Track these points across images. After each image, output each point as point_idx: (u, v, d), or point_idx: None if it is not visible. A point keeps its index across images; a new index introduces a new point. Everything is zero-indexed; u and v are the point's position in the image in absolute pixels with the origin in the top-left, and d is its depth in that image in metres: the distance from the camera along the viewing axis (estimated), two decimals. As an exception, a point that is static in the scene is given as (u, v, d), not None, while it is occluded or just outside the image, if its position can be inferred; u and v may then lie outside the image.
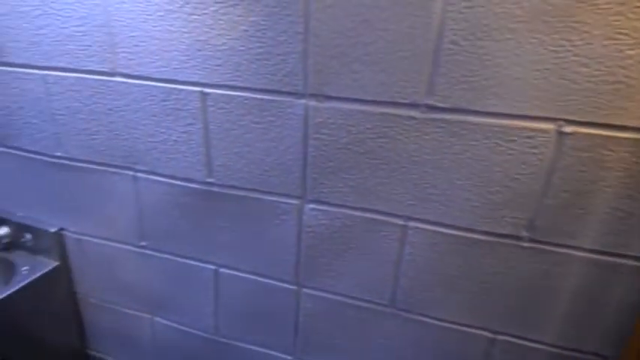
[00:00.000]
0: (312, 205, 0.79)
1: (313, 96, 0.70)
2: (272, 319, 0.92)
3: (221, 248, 0.90)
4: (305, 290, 0.87)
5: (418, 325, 0.80)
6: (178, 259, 0.95)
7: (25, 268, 1.03)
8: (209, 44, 0.72)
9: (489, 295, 0.74)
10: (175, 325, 1.04)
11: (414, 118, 0.65)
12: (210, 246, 0.90)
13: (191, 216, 0.89)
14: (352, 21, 0.63)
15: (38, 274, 1.02)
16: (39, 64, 0.87)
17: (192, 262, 0.94)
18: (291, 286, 0.88)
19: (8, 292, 0.95)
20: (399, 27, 0.61)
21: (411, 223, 0.73)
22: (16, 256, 1.07)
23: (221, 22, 0.70)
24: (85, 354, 1.21)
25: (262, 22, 0.68)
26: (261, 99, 0.73)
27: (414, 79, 0.63)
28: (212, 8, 0.69)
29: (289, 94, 0.71)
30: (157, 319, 1.06)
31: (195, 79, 0.76)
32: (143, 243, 0.97)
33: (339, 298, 0.84)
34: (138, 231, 0.96)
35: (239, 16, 0.69)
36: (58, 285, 1.08)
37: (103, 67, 0.81)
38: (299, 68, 0.69)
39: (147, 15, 0.74)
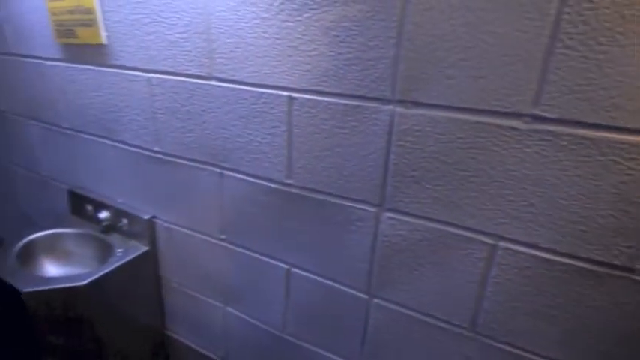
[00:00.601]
0: (390, 214, 0.76)
1: (401, 102, 0.68)
2: (340, 324, 0.92)
3: (294, 248, 0.91)
4: (376, 300, 0.85)
5: (500, 353, 0.74)
6: (253, 254, 0.99)
7: (120, 250, 1.15)
8: (299, 50, 0.74)
9: (588, 333, 0.65)
10: (245, 317, 1.09)
11: (515, 129, 0.60)
12: (284, 245, 0.93)
13: (268, 214, 0.92)
14: (452, 24, 0.60)
15: (131, 257, 1.13)
16: (145, 67, 0.97)
17: (265, 259, 0.98)
18: (361, 294, 0.86)
19: (105, 271, 1.06)
20: (506, 30, 0.56)
21: (502, 243, 0.67)
22: (113, 239, 1.20)
23: (313, 28, 0.71)
24: (163, 333, 1.32)
25: (354, 28, 0.68)
26: (346, 104, 0.73)
27: (519, 87, 0.58)
28: (306, 15, 0.71)
29: (375, 99, 0.70)
30: (229, 308, 1.11)
31: (283, 83, 0.78)
32: (222, 236, 1.03)
33: (412, 313, 0.81)
34: (219, 224, 1.02)
35: (331, 22, 0.69)
36: (146, 268, 1.19)
37: (201, 72, 0.88)
38: (388, 73, 0.67)
39: (244, 23, 0.78)
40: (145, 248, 1.17)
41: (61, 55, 1.12)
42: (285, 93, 0.79)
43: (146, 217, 1.14)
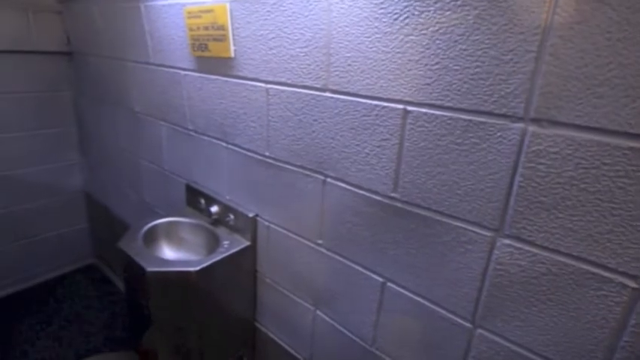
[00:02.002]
0: (508, 241, 0.71)
1: (535, 120, 0.63)
2: (435, 349, 0.88)
3: (393, 263, 0.90)
4: (480, 331, 0.79)
5: (638, 418, 0.63)
6: (348, 262, 1.00)
7: (226, 242, 1.26)
8: (420, 63, 0.73)
9: None
10: (334, 323, 1.10)
11: (688, 159, 0.51)
12: (382, 258, 0.92)
13: (369, 225, 0.92)
14: (607, 38, 0.54)
15: (235, 250, 1.23)
16: (265, 78, 1.05)
17: (360, 269, 0.98)
18: (464, 322, 0.81)
19: (214, 260, 1.17)
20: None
21: (654, 290, 0.57)
22: (220, 232, 1.32)
23: (439, 42, 0.70)
24: (253, 325, 1.40)
25: (486, 41, 0.64)
26: (469, 120, 0.70)
27: (699, 111, 0.49)
28: (431, 29, 0.70)
29: (504, 116, 0.66)
30: (319, 312, 1.14)
31: (399, 96, 0.78)
32: (320, 241, 1.06)
33: (524, 352, 0.73)
34: (317, 229, 1.06)
35: (460, 35, 0.67)
36: (246, 261, 1.28)
37: (316, 84, 0.92)
38: (522, 89, 0.63)
39: (365, 37, 0.79)
40: (246, 243, 1.26)
41: (193, 66, 1.27)
42: (400, 106, 0.78)
43: (250, 214, 1.23)
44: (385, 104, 0.80)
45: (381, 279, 0.94)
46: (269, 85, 1.04)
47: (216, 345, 1.32)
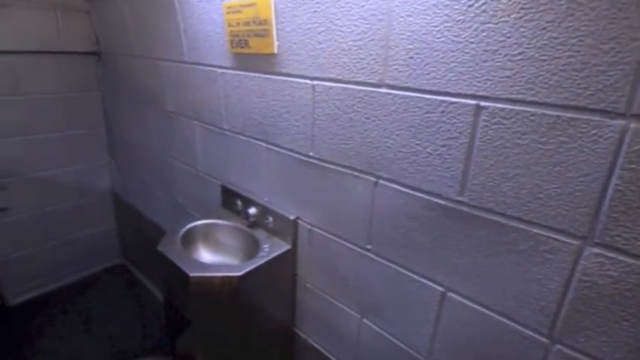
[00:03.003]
0: (597, 250, 0.64)
1: (638, 117, 0.56)
2: (505, 364, 0.81)
3: (455, 271, 0.84)
4: (559, 347, 0.72)
5: None
6: (403, 270, 0.94)
7: (266, 246, 1.21)
8: (499, 54, 0.66)
9: None
10: (384, 333, 1.04)
11: None
12: (443, 266, 0.86)
13: (428, 231, 0.86)
14: None
15: (276, 254, 1.18)
16: (311, 75, 0.99)
17: (416, 277, 0.92)
18: (539, 337, 0.74)
19: (257, 264, 1.13)
20: None
21: None
22: (259, 235, 1.28)
23: (523, 29, 0.63)
24: (292, 331, 1.36)
25: (582, 28, 0.57)
26: (556, 116, 0.63)
27: None
28: (514, 16, 0.63)
29: (601, 112, 0.59)
30: (366, 321, 1.08)
31: (471, 91, 0.71)
32: (369, 246, 1.00)
33: (616, 371, 0.66)
34: (366, 234, 1.00)
35: (549, 22, 0.60)
36: (286, 266, 1.24)
37: (371, 79, 0.86)
38: (624, 82, 0.56)
39: (432, 27, 0.73)
40: (287, 247, 1.21)
41: (231, 63, 1.23)
42: (472, 102, 0.72)
43: (291, 217, 1.18)
44: (454, 100, 0.74)
45: (440, 288, 0.88)
46: (316, 82, 0.99)
47: (255, 350, 1.28)
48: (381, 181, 0.93)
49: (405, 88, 0.81)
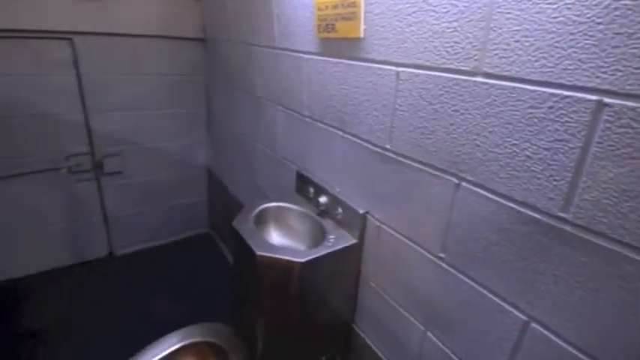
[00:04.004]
0: None
1: None
2: None
3: (544, 300, 0.70)
4: (684, 423, 0.55)
5: None
6: (479, 288, 0.83)
7: (332, 236, 1.19)
8: (636, 38, 0.51)
9: None
10: (449, 352, 0.94)
11: None
12: (529, 292, 0.72)
13: (516, 248, 0.73)
14: None
15: (341, 246, 1.15)
16: (396, 60, 0.92)
17: (494, 299, 0.80)
18: (655, 403, 0.58)
19: (320, 254, 1.11)
20: None
21: None
22: (327, 224, 1.25)
23: (683, 2, 0.47)
24: (350, 327, 1.32)
25: None
26: None
27: None
28: (672, -17, 0.48)
29: None
30: (430, 334, 0.99)
31: (593, 84, 0.57)
32: (441, 254, 0.90)
33: None
34: (439, 241, 0.90)
35: None
36: (350, 260, 1.20)
37: (465, 66, 0.75)
38: None
39: (547, 3, 0.60)
40: (353, 241, 1.17)
41: (317, 49, 1.21)
42: (592, 97, 0.57)
43: (361, 210, 1.13)
44: (568, 93, 0.60)
45: (523, 316, 0.74)
46: (400, 69, 0.91)
47: (312, 338, 1.27)
48: (464, 184, 0.82)
49: (505, 77, 0.69)
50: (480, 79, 0.73)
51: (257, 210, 1.33)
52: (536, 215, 0.68)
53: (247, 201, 2.05)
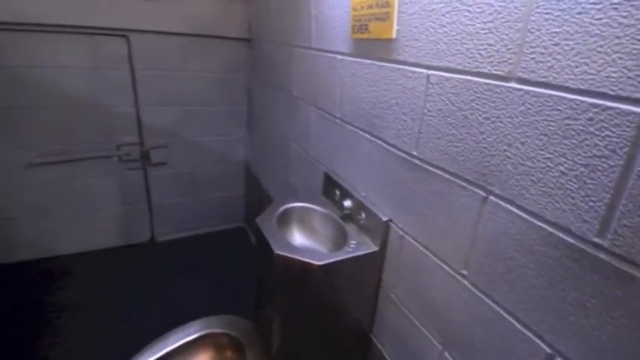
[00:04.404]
0: None
1: None
2: None
3: (572, 334, 0.62)
4: None
5: None
6: (501, 312, 0.76)
7: (353, 242, 1.16)
8: None
9: None
10: (465, 376, 0.88)
11: None
12: (556, 322, 0.65)
13: (544, 273, 0.66)
14: None
15: (360, 253, 1.12)
16: (427, 63, 0.87)
17: (518, 326, 0.73)
18: None
19: (338, 258, 1.08)
20: None
21: None
22: (350, 229, 1.23)
23: None
24: (368, 337, 1.28)
25: None
26: None
27: None
28: None
29: None
30: (447, 355, 0.93)
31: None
32: (464, 271, 0.84)
33: None
34: (463, 257, 0.84)
35: None
36: (371, 268, 1.16)
37: (498, 70, 0.70)
38: None
39: (591, 3, 0.53)
40: (374, 248, 1.13)
41: (350, 49, 1.19)
42: (638, 109, 0.50)
43: (384, 218, 1.09)
44: (611, 104, 0.53)
45: (548, 349, 0.67)
46: (431, 72, 0.86)
47: (328, 344, 1.25)
48: (491, 198, 0.76)
49: (541, 84, 0.62)
50: (514, 84, 0.67)
51: (282, 209, 1.33)
52: (569, 239, 0.61)
53: (278, 198, 2.08)
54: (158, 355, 1.25)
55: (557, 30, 0.58)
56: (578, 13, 0.55)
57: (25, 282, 2.14)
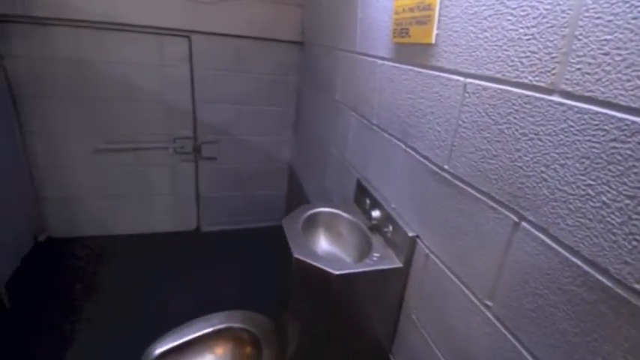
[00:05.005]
0: None
1: None
2: None
3: (606, 394, 0.53)
4: None
5: None
6: (526, 354, 0.67)
7: (376, 254, 1.11)
8: None
9: None
10: (480, 418, 0.79)
11: None
12: (587, 377, 0.55)
13: (576, 317, 0.57)
14: None
15: (382, 267, 1.06)
16: (465, 70, 0.80)
17: (542, 372, 0.64)
18: None
19: (358, 270, 1.04)
20: None
21: None
22: (375, 240, 1.18)
23: None
24: (387, 356, 1.22)
25: None
26: None
27: None
28: None
29: None
30: (463, 391, 0.85)
31: None
32: (488, 302, 0.76)
33: None
34: (488, 285, 0.76)
35: None
36: (393, 284, 1.10)
37: (540, 81, 0.62)
38: None
39: (656, 3, 0.45)
40: (398, 264, 1.07)
41: (390, 54, 1.14)
42: None
43: (411, 233, 1.03)
44: (669, 127, 0.44)
45: (574, 405, 0.58)
46: (468, 80, 0.79)
47: (343, 355, 1.21)
48: (524, 224, 0.67)
49: (587, 99, 0.54)
50: (556, 98, 0.59)
51: (310, 212, 1.32)
52: (606, 281, 0.52)
53: (316, 201, 2.07)
54: (180, 342, 1.30)
55: (608, 37, 0.50)
56: (634, 19, 0.46)
57: (81, 255, 2.37)
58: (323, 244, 1.32)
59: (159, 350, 1.26)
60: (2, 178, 2.06)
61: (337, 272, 1.02)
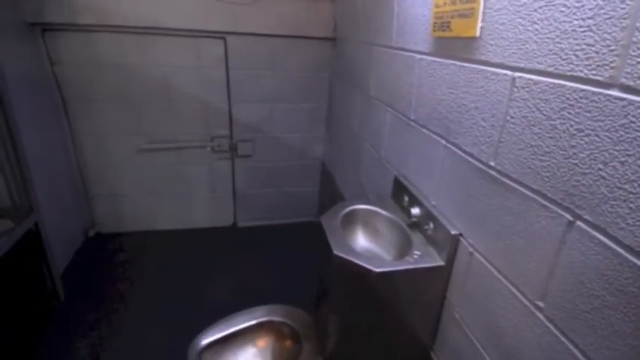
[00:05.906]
0: None
1: None
2: None
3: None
4: None
5: None
6: (580, 356, 0.65)
7: (417, 252, 1.10)
8: None
9: None
10: (530, 420, 0.77)
11: None
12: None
13: (635, 319, 0.55)
14: None
15: (423, 265, 1.06)
16: (513, 64, 0.78)
17: (599, 376, 0.62)
18: None
19: (398, 268, 1.04)
20: None
21: None
22: (415, 238, 1.17)
23: None
24: (428, 355, 1.21)
25: None
26: None
27: None
28: None
29: None
30: (511, 392, 0.83)
31: None
32: (540, 303, 0.74)
33: None
34: (540, 286, 0.74)
35: None
36: (435, 283, 1.09)
37: (597, 75, 0.59)
38: None
39: None
40: (440, 262, 1.06)
41: (430, 49, 1.12)
42: None
43: (453, 231, 1.02)
44: None
45: (636, 412, 0.56)
46: (517, 74, 0.77)
47: (384, 353, 1.22)
48: (579, 224, 0.65)
49: (653, 92, 0.51)
50: (615, 92, 0.56)
51: (347, 209, 1.33)
52: (676, 285, 0.49)
53: (350, 197, 2.08)
54: (225, 333, 1.35)
55: (681, 26, 0.47)
56: None
57: (127, 250, 2.51)
58: (361, 241, 1.32)
59: (205, 341, 1.32)
60: (58, 177, 2.22)
61: (378, 270, 1.02)
